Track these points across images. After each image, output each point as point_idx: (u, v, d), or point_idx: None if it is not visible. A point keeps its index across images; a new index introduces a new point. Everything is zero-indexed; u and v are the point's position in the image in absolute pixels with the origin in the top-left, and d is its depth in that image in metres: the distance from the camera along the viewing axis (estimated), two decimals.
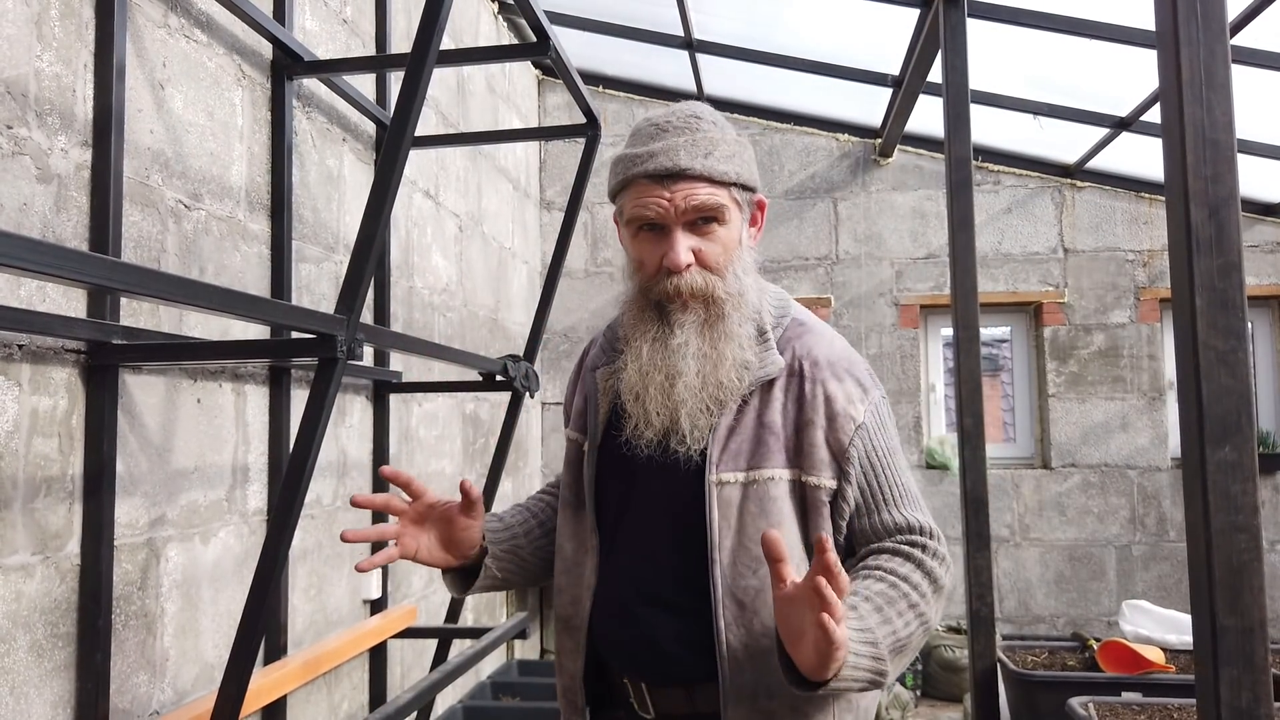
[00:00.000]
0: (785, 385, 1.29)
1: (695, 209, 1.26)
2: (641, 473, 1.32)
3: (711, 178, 1.26)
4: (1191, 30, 1.45)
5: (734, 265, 1.30)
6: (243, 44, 2.24)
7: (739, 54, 4.42)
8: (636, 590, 1.33)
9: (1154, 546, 4.82)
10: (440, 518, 1.37)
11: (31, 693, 1.57)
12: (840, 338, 1.37)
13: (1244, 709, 1.33)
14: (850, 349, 1.36)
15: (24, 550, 1.56)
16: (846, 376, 1.29)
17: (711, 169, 1.26)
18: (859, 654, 1.11)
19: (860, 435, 1.26)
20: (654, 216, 1.27)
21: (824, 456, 1.26)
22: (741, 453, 1.27)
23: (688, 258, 1.26)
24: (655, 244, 1.29)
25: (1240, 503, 1.36)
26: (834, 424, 1.26)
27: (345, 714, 2.71)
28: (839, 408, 1.26)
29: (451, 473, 3.65)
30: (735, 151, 1.30)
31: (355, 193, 2.83)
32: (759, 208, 1.37)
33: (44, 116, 1.64)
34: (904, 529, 1.26)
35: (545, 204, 5.25)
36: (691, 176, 1.25)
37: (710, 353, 1.27)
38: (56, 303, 1.65)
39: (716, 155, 1.27)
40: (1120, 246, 4.96)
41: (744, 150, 1.32)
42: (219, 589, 2.10)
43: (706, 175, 1.25)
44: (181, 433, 1.98)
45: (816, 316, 1.40)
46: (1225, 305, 1.38)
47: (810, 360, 1.30)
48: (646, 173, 1.26)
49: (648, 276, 1.31)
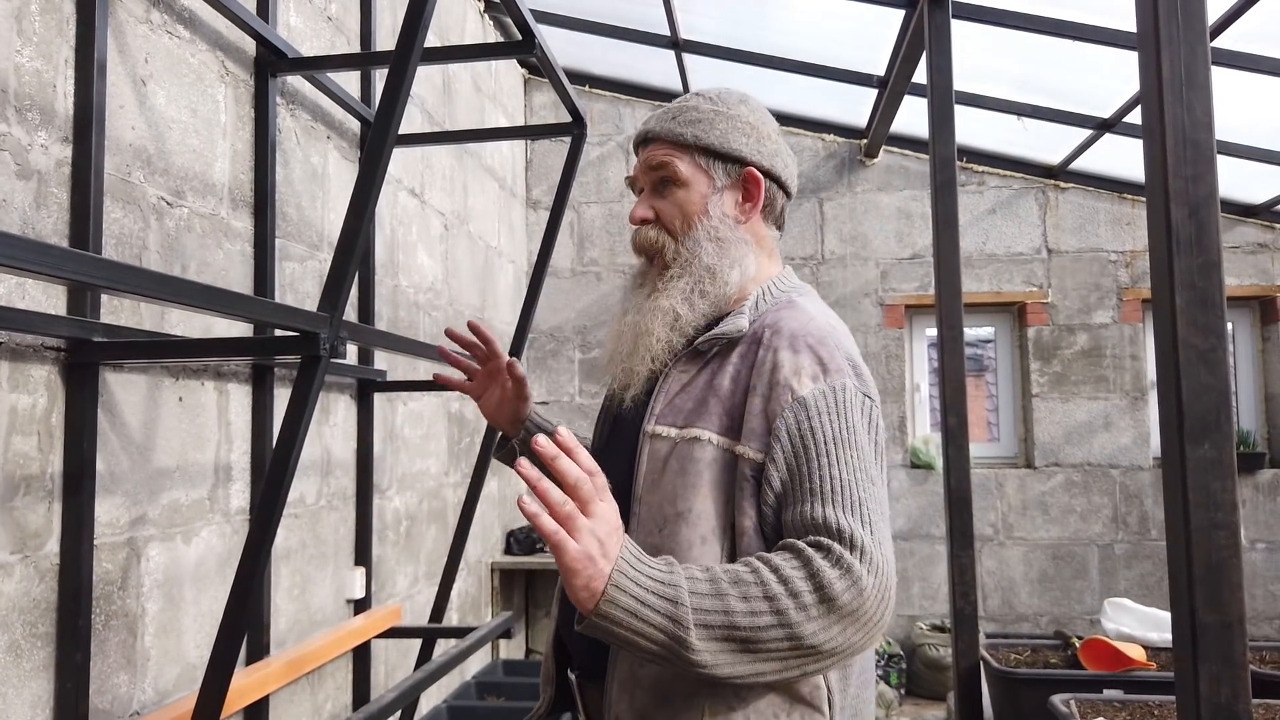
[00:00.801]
0: (744, 351, 1.23)
1: (653, 167, 1.33)
2: (614, 426, 1.38)
3: (669, 139, 1.31)
4: (1172, 30, 1.46)
5: (695, 230, 1.30)
6: (226, 40, 2.23)
7: (725, 54, 4.43)
8: None
9: (1136, 545, 4.86)
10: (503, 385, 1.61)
11: (10, 693, 1.56)
12: (830, 323, 1.25)
13: (1223, 704, 1.34)
14: (833, 333, 1.23)
15: (2, 549, 1.55)
16: (805, 350, 1.18)
17: (671, 131, 1.31)
18: (643, 600, 0.99)
19: (797, 411, 1.14)
20: (632, 177, 1.39)
21: (757, 427, 1.16)
22: (682, 410, 1.22)
23: (643, 212, 1.34)
24: None
25: (1219, 500, 1.37)
26: (773, 393, 1.16)
27: (329, 714, 2.69)
28: (782, 376, 1.16)
29: (436, 472, 3.64)
30: (708, 119, 1.31)
31: (340, 191, 2.82)
32: (751, 180, 1.31)
33: (24, 112, 1.62)
34: (819, 528, 1.07)
35: (531, 203, 5.24)
36: (654, 138, 1.34)
37: (645, 305, 1.31)
38: (36, 300, 1.64)
39: (682, 120, 1.31)
40: (1103, 247, 5.00)
41: (727, 120, 1.31)
42: (201, 589, 2.09)
43: (665, 137, 1.32)
44: (163, 431, 1.97)
45: (825, 308, 1.32)
46: (1205, 304, 1.39)
47: (774, 329, 1.22)
48: (635, 139, 1.39)
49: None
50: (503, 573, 4.54)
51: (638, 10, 4.17)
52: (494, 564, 4.48)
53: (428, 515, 3.55)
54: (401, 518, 3.29)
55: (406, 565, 3.32)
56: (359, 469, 2.88)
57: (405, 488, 3.33)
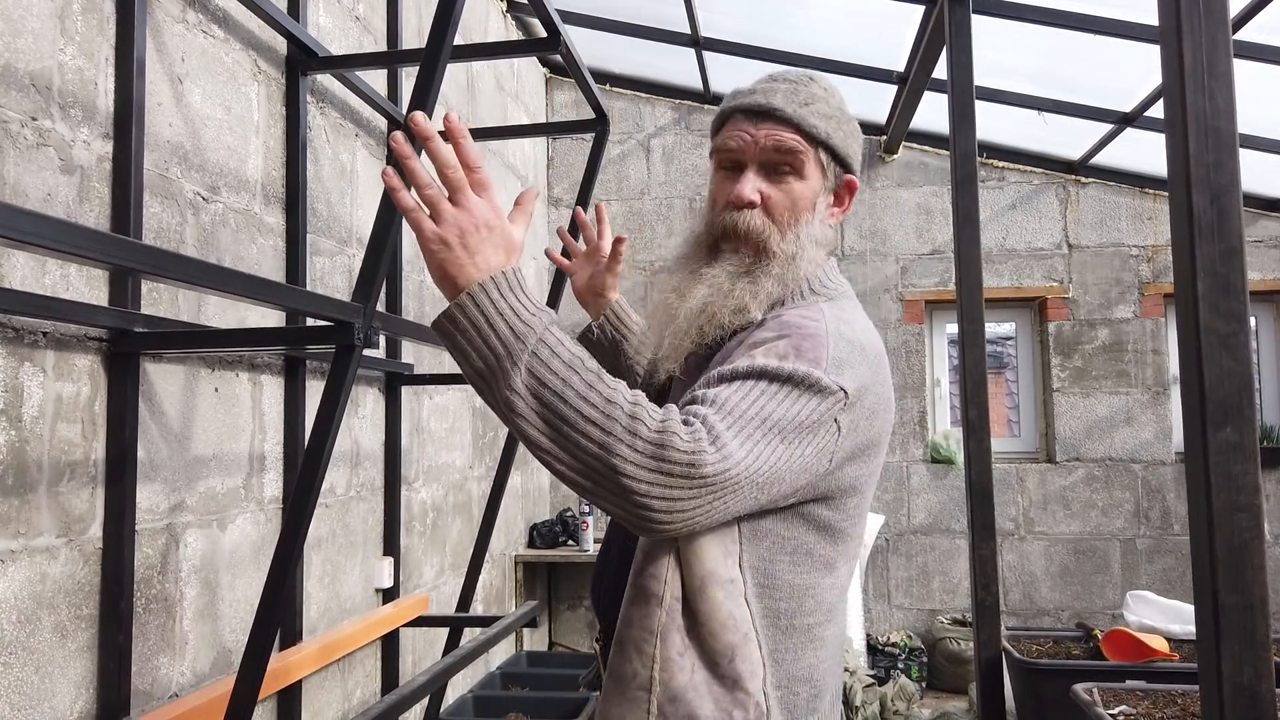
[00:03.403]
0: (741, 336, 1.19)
1: (774, 149, 1.21)
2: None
3: (801, 126, 1.21)
4: (1194, 20, 1.48)
5: (800, 226, 1.22)
6: (258, 40, 2.28)
7: (745, 51, 4.45)
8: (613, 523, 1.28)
9: (1158, 540, 4.84)
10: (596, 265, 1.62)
11: (56, 672, 1.61)
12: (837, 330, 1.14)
13: (1245, 685, 1.36)
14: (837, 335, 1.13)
15: (49, 533, 1.60)
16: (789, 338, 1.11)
17: (802, 118, 1.21)
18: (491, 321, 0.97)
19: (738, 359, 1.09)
20: (735, 147, 1.24)
21: None
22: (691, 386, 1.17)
23: (753, 194, 1.21)
24: (730, 182, 1.25)
25: (1241, 483, 1.39)
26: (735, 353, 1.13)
27: (358, 700, 2.74)
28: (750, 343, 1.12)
29: (461, 465, 3.68)
30: (835, 115, 1.25)
31: (367, 187, 2.86)
32: (848, 188, 1.29)
33: (67, 109, 1.67)
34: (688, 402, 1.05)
35: (553, 200, 5.28)
36: (779, 119, 1.21)
37: (726, 287, 1.21)
38: (80, 291, 1.69)
39: (813, 109, 1.22)
40: (1124, 242, 4.98)
41: (847, 122, 1.27)
42: (236, 575, 2.14)
43: (796, 122, 1.21)
44: (200, 420, 2.02)
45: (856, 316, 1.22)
46: (1227, 290, 1.41)
47: (774, 316, 1.18)
48: (741, 107, 1.24)
49: (715, 213, 1.26)
50: (526, 565, 4.58)
51: (658, 9, 4.20)
52: (517, 556, 4.52)
53: (453, 507, 3.59)
54: (428, 509, 3.33)
55: (433, 556, 3.36)
56: (387, 461, 2.93)
57: (431, 480, 3.37)
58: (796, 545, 1.14)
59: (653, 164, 5.24)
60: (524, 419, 0.97)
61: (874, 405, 1.14)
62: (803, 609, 1.14)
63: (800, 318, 1.15)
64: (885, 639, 4.72)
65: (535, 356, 0.97)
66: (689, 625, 1.10)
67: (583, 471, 0.98)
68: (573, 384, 0.97)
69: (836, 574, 1.18)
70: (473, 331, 0.98)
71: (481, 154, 0.97)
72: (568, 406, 0.97)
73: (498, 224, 1.00)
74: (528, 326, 0.98)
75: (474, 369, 0.99)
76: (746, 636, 1.10)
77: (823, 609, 1.17)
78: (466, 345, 0.98)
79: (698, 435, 0.98)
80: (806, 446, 1.06)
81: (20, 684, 1.54)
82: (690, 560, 1.10)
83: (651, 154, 5.24)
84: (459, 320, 0.98)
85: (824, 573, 1.16)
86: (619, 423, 0.96)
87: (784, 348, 1.09)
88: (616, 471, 0.96)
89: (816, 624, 1.16)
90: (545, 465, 1.01)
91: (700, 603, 1.09)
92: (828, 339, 1.11)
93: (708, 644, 1.09)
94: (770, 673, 1.11)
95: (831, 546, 1.16)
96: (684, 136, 5.22)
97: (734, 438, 1.00)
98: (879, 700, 3.95)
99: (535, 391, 0.97)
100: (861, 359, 1.13)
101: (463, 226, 0.98)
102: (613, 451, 0.96)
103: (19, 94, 1.57)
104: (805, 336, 1.11)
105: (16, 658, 1.53)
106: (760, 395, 1.05)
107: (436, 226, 0.97)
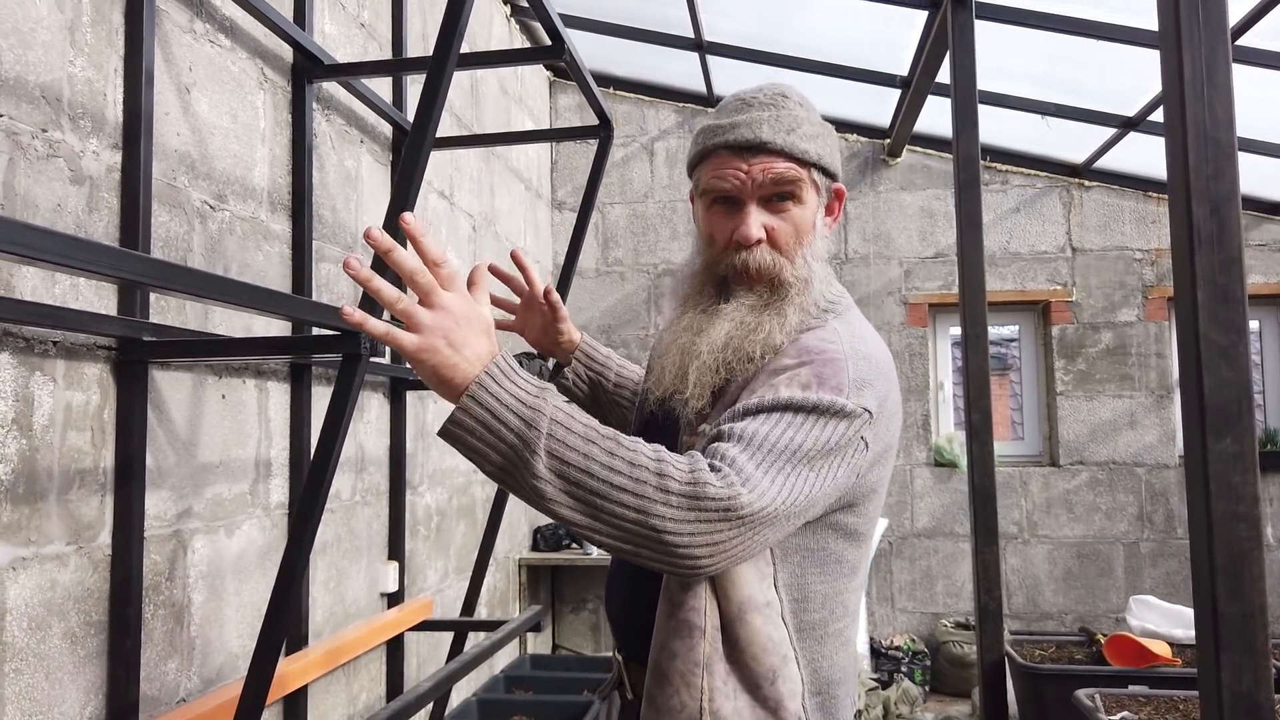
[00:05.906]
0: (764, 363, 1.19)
1: (773, 183, 1.21)
2: (647, 431, 1.30)
3: (792, 154, 1.21)
4: (1193, 30, 1.49)
5: (805, 249, 1.23)
6: (264, 48, 2.29)
7: (749, 55, 4.46)
8: None
9: (1162, 543, 4.84)
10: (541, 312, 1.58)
11: (66, 678, 1.62)
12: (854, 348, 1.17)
13: (1244, 692, 1.37)
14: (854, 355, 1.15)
15: (59, 540, 1.61)
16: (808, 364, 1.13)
17: (793, 145, 1.21)
18: (498, 415, 0.97)
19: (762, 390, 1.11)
20: (730, 189, 1.22)
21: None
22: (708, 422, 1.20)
23: (759, 232, 1.21)
24: (728, 218, 1.24)
25: (1241, 492, 1.40)
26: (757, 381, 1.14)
27: (364, 704, 2.76)
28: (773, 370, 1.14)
29: (465, 469, 3.70)
30: (819, 133, 1.24)
31: (372, 194, 2.88)
32: (837, 196, 1.30)
33: (76, 120, 1.69)
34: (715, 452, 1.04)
35: (556, 204, 5.30)
36: (772, 151, 1.20)
37: (750, 321, 1.20)
38: (89, 300, 1.70)
39: (800, 133, 1.22)
40: (1128, 245, 4.99)
41: (828, 134, 1.26)
42: (243, 580, 2.15)
43: (787, 151, 1.20)
44: (207, 428, 2.03)
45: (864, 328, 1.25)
46: (1226, 299, 1.42)
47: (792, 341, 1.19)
48: (727, 143, 1.22)
49: (716, 251, 1.26)
50: (529, 568, 4.60)
51: (661, 12, 4.21)
52: (521, 560, 4.54)
53: (457, 511, 3.61)
54: (432, 513, 3.35)
55: (437, 560, 3.38)
56: (391, 465, 2.95)
57: (435, 484, 3.39)
58: (826, 555, 1.17)
59: (656, 167, 5.25)
60: (556, 502, 0.99)
61: (890, 411, 1.18)
62: (833, 615, 1.18)
63: (819, 341, 1.17)
64: (888, 642, 4.73)
65: (551, 438, 0.98)
66: (729, 652, 1.12)
67: (624, 539, 1.00)
68: (595, 456, 0.99)
69: (858, 576, 1.23)
70: (483, 430, 0.98)
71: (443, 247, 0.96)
72: (596, 480, 0.98)
73: (473, 312, 1.00)
74: (535, 411, 0.99)
75: (494, 466, 1.00)
76: (786, 658, 1.13)
77: (849, 613, 1.21)
78: (481, 445, 0.99)
79: (728, 479, 1.00)
80: (838, 469, 1.09)
81: (31, 690, 1.55)
82: (726, 588, 1.12)
83: (655, 157, 5.26)
84: (466, 423, 0.98)
85: (849, 577, 1.20)
86: (649, 484, 0.98)
87: (806, 376, 1.11)
88: (658, 531, 0.98)
89: (845, 627, 1.21)
90: (586, 540, 1.03)
91: (739, 629, 1.12)
92: (847, 362, 1.13)
93: (749, 669, 1.12)
94: (808, 685, 1.15)
95: (854, 550, 1.20)
96: (687, 140, 5.23)
97: (765, 474, 1.02)
98: (882, 704, 3.96)
99: (560, 473, 0.98)
100: (877, 373, 1.16)
101: (444, 327, 0.98)
102: (650, 513, 0.98)
103: (30, 106, 1.59)
104: (826, 362, 1.13)
105: (27, 664, 1.55)
106: (787, 428, 1.06)
107: (419, 336, 0.97)
